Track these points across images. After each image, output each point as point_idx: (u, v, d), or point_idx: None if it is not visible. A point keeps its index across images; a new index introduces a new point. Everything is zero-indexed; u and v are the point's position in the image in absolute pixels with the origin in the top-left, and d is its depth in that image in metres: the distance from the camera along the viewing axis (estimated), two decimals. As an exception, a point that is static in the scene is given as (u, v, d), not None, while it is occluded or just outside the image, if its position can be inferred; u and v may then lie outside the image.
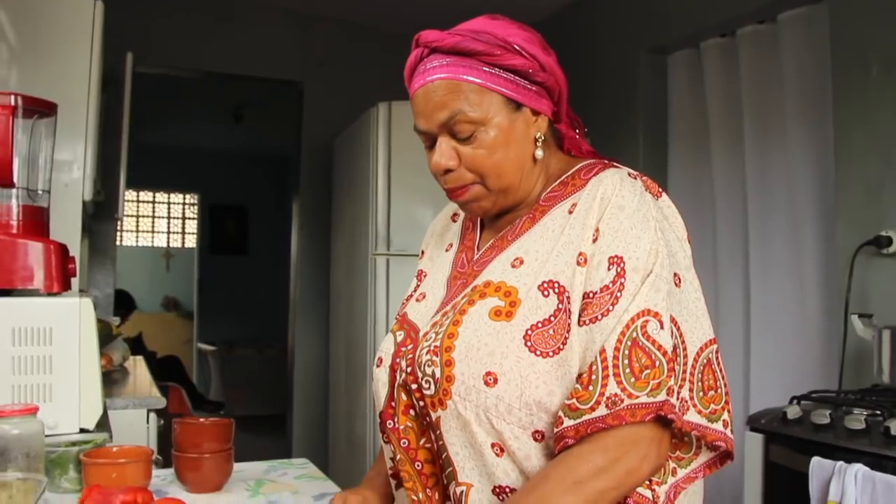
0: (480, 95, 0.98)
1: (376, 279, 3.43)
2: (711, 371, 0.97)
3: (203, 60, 4.37)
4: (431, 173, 1.05)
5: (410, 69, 1.03)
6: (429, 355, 0.97)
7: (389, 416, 1.03)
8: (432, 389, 0.96)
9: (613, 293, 0.92)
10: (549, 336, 0.93)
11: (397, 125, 3.41)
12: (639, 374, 0.88)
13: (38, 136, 1.82)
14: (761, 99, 3.17)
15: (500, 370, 0.92)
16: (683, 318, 0.96)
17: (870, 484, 1.68)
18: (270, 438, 4.80)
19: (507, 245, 1.04)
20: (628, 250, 0.94)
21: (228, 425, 1.42)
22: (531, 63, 1.00)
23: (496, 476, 0.95)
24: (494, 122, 0.99)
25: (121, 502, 1.14)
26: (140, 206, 8.63)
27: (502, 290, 0.97)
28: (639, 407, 0.87)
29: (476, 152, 1.00)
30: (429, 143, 1.04)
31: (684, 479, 0.97)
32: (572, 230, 0.98)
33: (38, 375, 1.56)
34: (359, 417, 3.61)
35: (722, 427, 0.96)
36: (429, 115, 1.00)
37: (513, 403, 0.92)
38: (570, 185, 1.04)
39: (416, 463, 1.02)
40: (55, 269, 1.67)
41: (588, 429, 0.88)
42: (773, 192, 3.12)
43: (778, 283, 3.08)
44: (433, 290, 1.11)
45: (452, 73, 0.98)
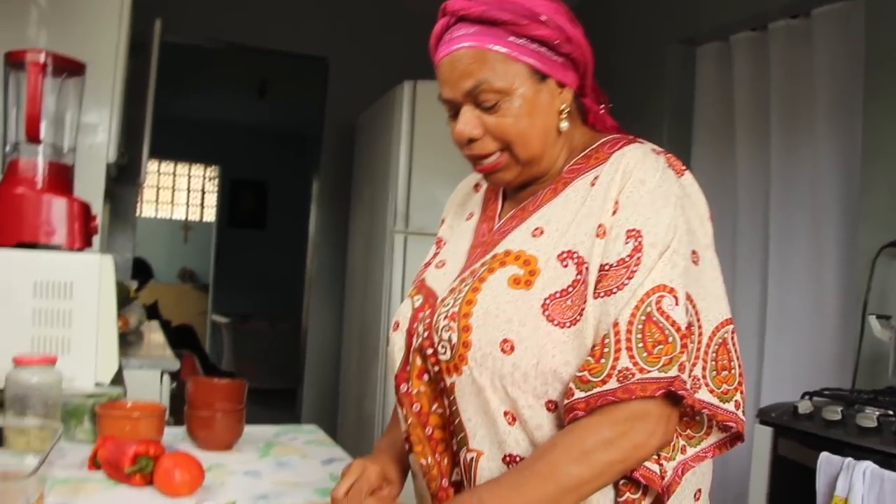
0: (506, 65, 0.97)
1: (394, 257, 3.44)
2: (726, 351, 0.97)
3: (230, 32, 4.38)
4: (454, 142, 1.05)
5: (436, 37, 1.03)
6: (446, 321, 0.97)
7: (403, 379, 1.04)
8: (448, 355, 0.97)
9: (630, 267, 0.92)
10: (567, 306, 0.93)
11: (422, 104, 3.41)
12: (651, 349, 0.88)
13: (66, 94, 1.84)
14: (790, 95, 3.14)
15: (517, 338, 0.92)
16: (700, 296, 0.95)
17: (878, 482, 1.67)
18: (280, 411, 4.83)
19: (528, 215, 1.04)
20: (647, 224, 0.93)
21: (241, 386, 1.44)
22: (557, 34, 0.99)
23: (507, 444, 0.95)
24: (519, 92, 0.98)
25: (134, 453, 1.17)
26: (161, 178, 8.69)
27: (522, 259, 0.97)
28: (649, 382, 0.87)
29: (501, 121, 0.99)
30: (453, 111, 1.03)
31: (693, 457, 0.97)
32: (593, 202, 0.98)
33: (58, 328, 1.59)
34: (369, 393, 3.63)
35: (734, 408, 0.95)
36: (454, 83, 1.00)
37: (528, 372, 0.93)
38: (594, 159, 1.03)
39: (426, 428, 1.03)
40: (78, 225, 1.69)
41: (598, 401, 0.88)
42: (796, 188, 3.10)
43: (796, 279, 3.06)
44: (453, 258, 1.12)
45: (478, 41, 0.97)
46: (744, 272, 3.31)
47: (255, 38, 4.43)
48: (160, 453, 1.17)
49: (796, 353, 3.02)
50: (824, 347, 2.92)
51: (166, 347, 2.55)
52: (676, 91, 3.67)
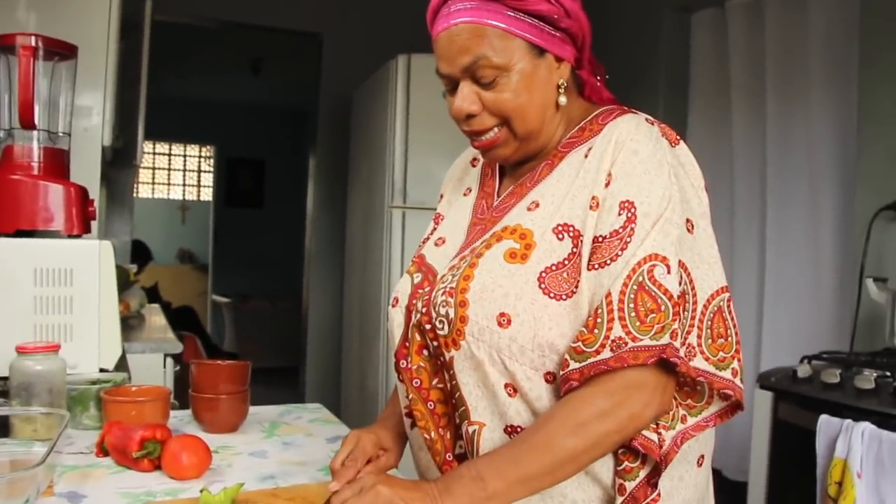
0: (504, 40, 0.97)
1: (392, 232, 3.44)
2: (722, 319, 0.97)
3: (222, 10, 4.35)
4: (452, 117, 1.05)
5: (433, 12, 1.02)
6: (444, 296, 0.98)
7: (403, 355, 1.05)
8: (446, 330, 0.97)
9: (623, 238, 0.92)
10: (563, 279, 0.93)
11: (416, 78, 3.39)
12: (644, 318, 0.88)
13: (59, 78, 1.83)
14: (785, 60, 3.12)
15: (513, 311, 0.93)
16: (695, 264, 0.95)
17: (876, 442, 1.69)
18: (283, 390, 4.87)
19: (526, 192, 1.04)
20: (640, 195, 0.93)
21: (245, 367, 1.45)
22: (556, 9, 0.98)
23: (508, 416, 0.96)
24: (517, 67, 0.98)
25: (140, 437, 1.17)
26: (156, 159, 8.65)
27: (518, 233, 0.98)
28: (641, 349, 0.88)
29: (498, 96, 0.99)
30: (450, 86, 1.03)
31: (693, 426, 0.97)
32: (587, 174, 0.98)
33: (60, 315, 1.59)
34: (371, 369, 3.65)
35: (731, 375, 0.96)
36: (451, 58, 0.99)
37: (525, 345, 0.93)
38: (588, 131, 1.03)
39: (428, 402, 1.04)
40: (76, 211, 1.69)
41: (592, 371, 0.89)
42: (793, 154, 3.10)
43: (794, 244, 3.07)
44: (452, 234, 1.12)
45: (476, 16, 0.96)
46: (741, 238, 3.32)
47: (248, 15, 4.40)
48: (167, 437, 1.18)
49: (795, 317, 3.04)
50: (822, 311, 2.94)
51: (168, 330, 2.56)
52: (672, 58, 3.66)
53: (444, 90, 1.05)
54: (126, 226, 3.39)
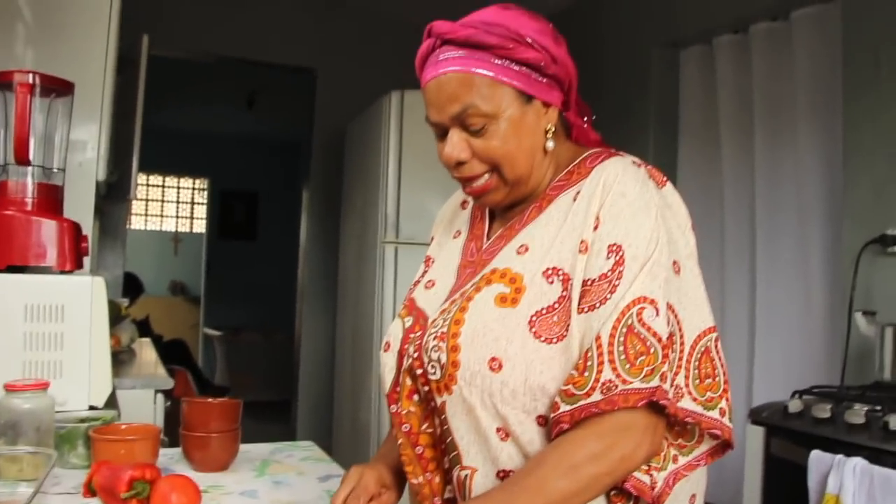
0: (492, 89, 0.98)
1: (384, 266, 3.45)
2: (709, 359, 0.97)
3: (217, 44, 4.39)
4: (442, 163, 1.06)
5: (422, 59, 1.03)
6: (435, 341, 0.98)
7: (394, 400, 1.05)
8: (438, 374, 0.98)
9: (612, 281, 0.93)
10: (554, 322, 0.94)
11: (409, 114, 3.43)
12: (633, 361, 0.89)
13: (55, 114, 1.84)
14: (772, 96, 3.17)
15: (504, 356, 0.93)
16: (682, 305, 0.96)
17: (868, 477, 1.69)
18: (275, 424, 4.83)
19: (514, 234, 1.05)
20: (628, 238, 0.94)
21: (236, 405, 1.44)
22: (543, 56, 0.99)
23: (500, 460, 0.96)
24: (506, 114, 0.99)
25: (130, 477, 1.16)
26: (149, 190, 8.66)
27: (507, 277, 0.98)
28: (631, 392, 0.88)
29: (488, 144, 1.00)
30: (440, 133, 1.04)
31: (685, 466, 0.97)
32: (576, 217, 0.98)
33: (50, 352, 1.59)
34: (363, 403, 3.64)
35: (718, 415, 0.96)
36: (441, 107, 1.00)
37: (517, 388, 0.93)
38: (576, 174, 1.04)
39: (416, 447, 1.04)
40: (68, 247, 1.69)
41: (582, 413, 0.89)
42: (781, 188, 3.13)
43: (784, 278, 3.09)
44: (442, 277, 1.12)
45: (465, 66, 0.98)
46: (732, 272, 3.34)
47: (243, 50, 4.44)
48: (156, 477, 1.17)
49: (786, 351, 3.05)
50: (813, 345, 2.95)
51: (159, 365, 2.55)
52: (661, 93, 3.71)
53: (436, 137, 1.06)
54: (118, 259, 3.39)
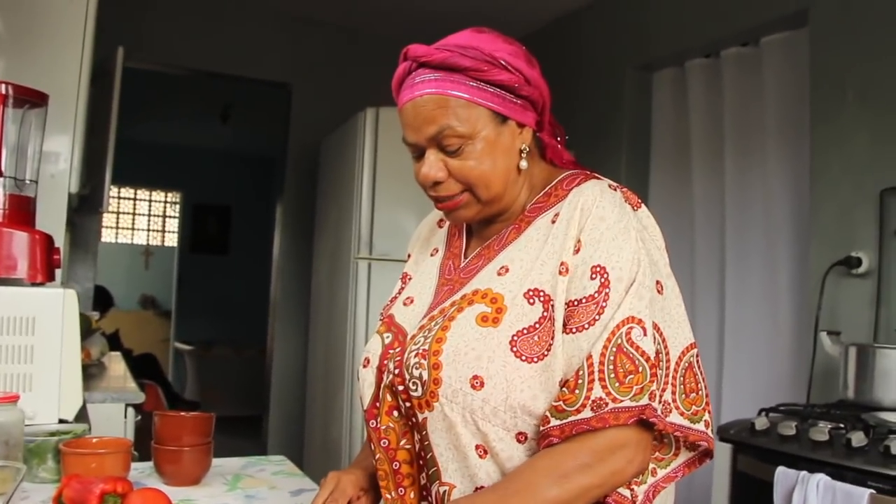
0: (468, 110, 1.01)
1: (357, 283, 3.45)
2: (693, 374, 1.01)
3: (193, 58, 4.38)
4: (418, 183, 1.08)
5: (398, 81, 1.06)
6: (417, 358, 1.00)
7: (373, 415, 1.06)
8: (420, 391, 0.99)
9: (599, 303, 0.95)
10: (535, 342, 0.96)
11: (384, 130, 3.44)
12: (623, 379, 0.92)
13: (28, 125, 1.83)
14: (742, 119, 3.23)
15: (486, 374, 0.95)
16: (666, 323, 0.99)
17: (830, 493, 1.72)
18: (245, 439, 4.79)
19: (494, 255, 1.07)
20: (611, 260, 0.97)
21: (208, 419, 1.44)
22: (517, 78, 1.02)
23: (479, 477, 0.98)
24: (481, 135, 1.02)
25: (101, 491, 1.15)
26: (121, 203, 8.58)
27: (489, 297, 1.00)
28: (622, 410, 0.91)
29: (464, 164, 1.02)
30: (417, 154, 1.06)
31: (664, 478, 1.01)
32: (555, 240, 1.01)
33: (19, 365, 1.57)
34: (335, 419, 3.62)
35: (703, 427, 1.00)
36: (417, 128, 1.02)
37: (498, 406, 0.95)
38: (553, 196, 1.07)
39: (393, 463, 1.05)
40: (40, 259, 1.68)
41: (573, 429, 0.92)
42: (750, 210, 3.19)
43: (752, 298, 3.14)
44: (420, 294, 1.14)
45: (441, 88, 1.00)
46: (702, 293, 3.39)
47: (218, 64, 4.43)
48: (128, 490, 1.17)
49: (754, 369, 3.10)
50: (780, 363, 3.00)
51: (129, 379, 2.53)
52: (634, 116, 3.76)
53: (412, 157, 1.08)
54: (89, 272, 3.36)
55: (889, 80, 2.51)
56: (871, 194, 2.53)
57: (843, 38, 2.69)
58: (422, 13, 4.05)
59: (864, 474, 1.72)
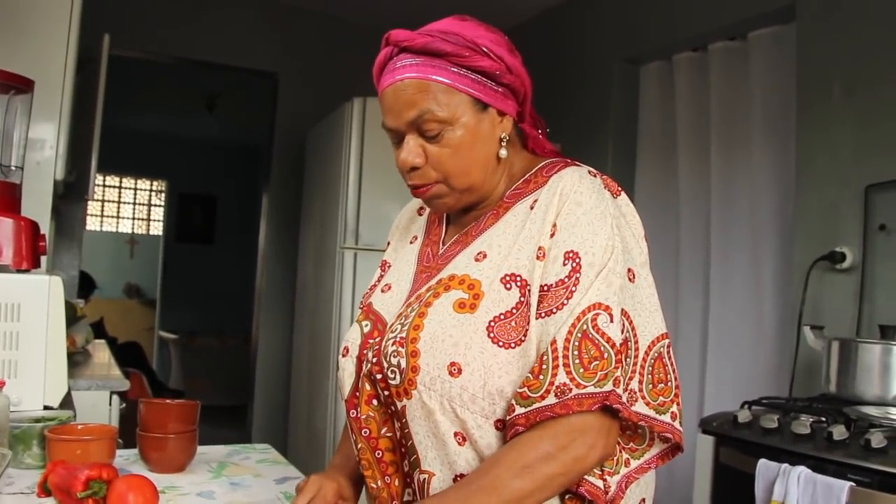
0: (449, 95, 1.00)
1: (343, 272, 3.45)
2: (662, 365, 1.00)
3: (178, 47, 4.35)
4: (398, 169, 1.07)
5: (380, 66, 1.05)
6: (394, 346, 1.00)
7: (353, 405, 1.06)
8: (398, 379, 0.99)
9: (568, 287, 0.95)
10: (512, 328, 0.96)
11: (371, 120, 3.44)
12: (587, 365, 0.91)
13: (14, 112, 1.82)
14: (729, 113, 3.25)
15: (463, 360, 0.95)
16: (636, 312, 0.99)
17: (811, 485, 1.74)
18: (230, 429, 4.78)
19: (471, 240, 1.07)
20: (584, 246, 0.97)
21: (194, 407, 1.44)
22: (498, 65, 1.02)
23: (458, 465, 0.97)
24: (462, 121, 1.01)
25: (86, 477, 1.15)
26: (106, 191, 8.52)
27: (466, 283, 1.00)
28: (586, 396, 0.90)
29: (442, 151, 1.02)
30: (396, 139, 1.05)
31: (636, 469, 1.00)
32: (533, 225, 1.01)
33: (4, 351, 1.57)
34: (319, 409, 3.63)
35: (670, 419, 0.99)
36: (397, 113, 1.02)
37: (476, 393, 0.95)
38: (533, 183, 1.07)
39: (376, 451, 1.05)
40: (26, 245, 1.67)
41: (538, 417, 0.91)
42: (735, 204, 3.21)
43: (736, 293, 3.16)
44: (399, 282, 1.14)
45: (422, 72, 1.00)
46: (686, 286, 3.41)
47: (205, 52, 4.41)
48: (113, 477, 1.16)
49: (737, 363, 3.12)
50: (763, 357, 3.02)
51: (114, 367, 2.52)
52: (621, 109, 3.77)
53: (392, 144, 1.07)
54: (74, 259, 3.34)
55: (875, 76, 2.53)
56: (856, 189, 2.55)
57: (829, 33, 2.70)
58: (409, 3, 4.04)
59: (844, 467, 1.74)
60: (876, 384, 2.16)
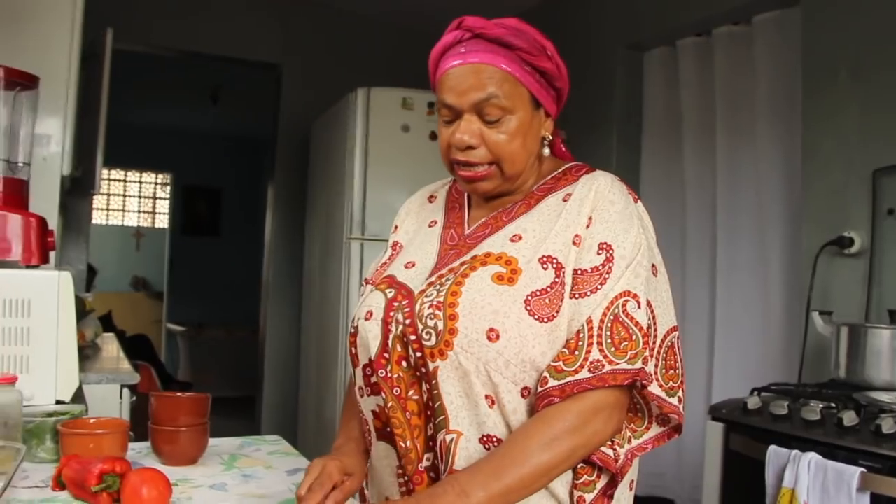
0: (515, 87, 1.08)
1: (350, 263, 3.46)
2: (673, 353, 1.09)
3: (182, 40, 4.35)
4: (442, 146, 1.13)
5: (444, 48, 1.11)
6: (431, 309, 1.04)
7: (382, 365, 1.09)
8: (433, 340, 1.03)
9: (602, 274, 1.04)
10: (546, 304, 1.02)
11: (375, 111, 3.43)
12: (618, 345, 1.00)
13: (20, 108, 1.83)
14: (733, 99, 3.24)
15: (502, 328, 1.01)
16: (657, 303, 1.07)
17: (822, 471, 1.75)
18: (238, 420, 4.79)
19: (502, 224, 1.14)
20: (617, 240, 1.06)
21: (205, 400, 1.45)
22: (555, 69, 1.11)
23: (486, 426, 1.03)
24: (519, 114, 1.09)
25: (99, 471, 1.16)
26: (111, 185, 8.54)
27: (503, 259, 1.06)
28: (619, 372, 0.99)
29: (498, 136, 1.09)
30: (451, 117, 1.11)
31: (636, 448, 1.09)
32: (569, 215, 1.09)
33: (16, 347, 1.58)
34: (328, 399, 3.64)
35: (677, 402, 1.07)
36: (463, 92, 1.07)
37: (511, 359, 1.01)
38: (563, 180, 1.15)
39: (406, 412, 1.08)
40: (35, 241, 1.68)
41: (574, 389, 0.98)
42: (741, 190, 3.20)
43: (744, 279, 3.16)
44: (422, 259, 1.18)
45: (494, 60, 1.07)
46: (693, 273, 3.40)
47: (208, 45, 4.40)
48: (126, 470, 1.17)
49: (745, 349, 3.12)
50: (772, 343, 3.02)
51: (123, 360, 2.53)
52: (626, 95, 3.76)
53: (442, 120, 1.12)
54: (82, 254, 3.35)
55: (881, 60, 2.52)
56: (864, 174, 2.54)
57: (835, 17, 2.69)
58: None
59: (855, 453, 1.74)
60: (885, 369, 2.16)
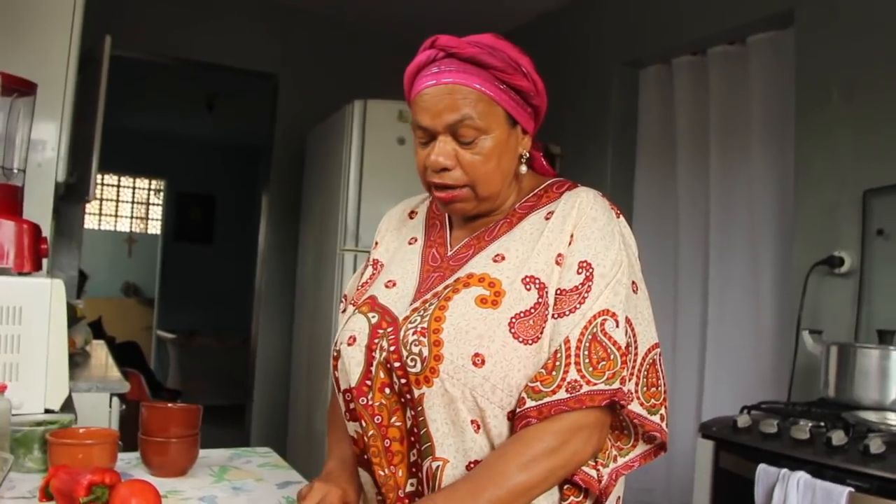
0: (489, 107, 1.06)
1: (343, 274, 3.45)
2: (655, 371, 1.08)
3: (179, 46, 4.35)
4: (419, 168, 1.11)
5: (418, 67, 1.09)
6: (415, 335, 1.03)
7: (363, 392, 1.08)
8: (418, 367, 1.02)
9: (581, 293, 1.03)
10: (530, 326, 1.02)
11: (372, 123, 3.44)
12: (596, 365, 0.99)
13: (16, 114, 1.82)
14: (728, 117, 3.26)
15: (487, 352, 1.00)
16: (637, 321, 1.07)
17: (810, 491, 1.75)
18: (228, 429, 4.77)
19: (485, 244, 1.12)
20: (597, 258, 1.05)
21: (196, 411, 1.44)
22: (531, 86, 1.09)
23: (472, 451, 1.02)
24: (495, 133, 1.07)
25: (88, 482, 1.15)
26: (104, 190, 8.52)
27: (486, 281, 1.05)
28: (597, 393, 0.98)
29: (473, 157, 1.07)
30: (426, 139, 1.09)
31: (623, 466, 1.08)
32: (551, 233, 1.08)
33: (6, 354, 1.57)
34: (319, 409, 3.63)
35: (659, 420, 1.06)
36: (437, 114, 1.06)
37: (497, 384, 1.00)
38: (545, 197, 1.14)
39: (385, 440, 1.07)
40: (27, 248, 1.67)
41: (552, 410, 0.98)
42: (734, 208, 3.21)
43: (735, 296, 3.17)
44: (404, 279, 1.16)
45: (468, 80, 1.05)
46: (685, 290, 3.41)
47: (204, 53, 4.41)
48: (116, 482, 1.17)
49: (736, 367, 3.13)
50: (762, 361, 3.03)
51: (113, 368, 2.52)
52: (621, 112, 3.78)
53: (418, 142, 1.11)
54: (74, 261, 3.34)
55: (873, 81, 2.54)
56: (855, 194, 2.56)
57: (828, 38, 2.71)
58: (410, 6, 4.04)
59: (843, 472, 1.75)
60: (874, 389, 2.17)
